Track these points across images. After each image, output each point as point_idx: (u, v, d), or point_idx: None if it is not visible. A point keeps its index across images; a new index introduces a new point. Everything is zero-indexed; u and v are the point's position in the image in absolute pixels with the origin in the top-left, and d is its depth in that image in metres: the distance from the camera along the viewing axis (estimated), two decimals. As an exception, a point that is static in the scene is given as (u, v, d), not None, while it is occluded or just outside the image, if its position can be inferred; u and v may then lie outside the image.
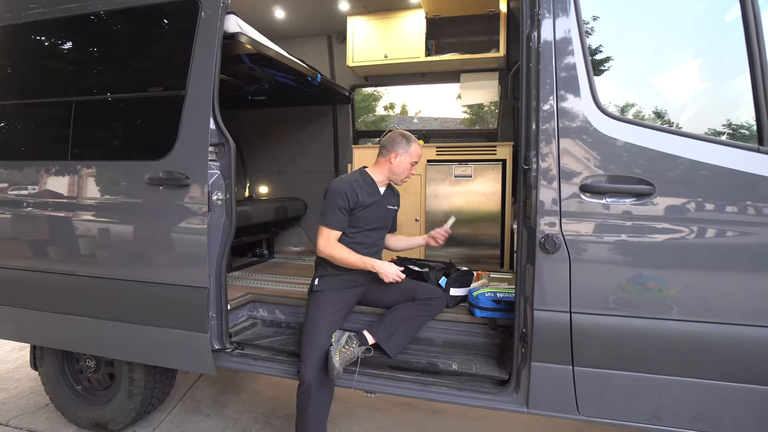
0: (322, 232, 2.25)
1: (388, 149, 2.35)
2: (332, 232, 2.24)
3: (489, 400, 1.97)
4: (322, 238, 2.25)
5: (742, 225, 1.61)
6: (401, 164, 2.34)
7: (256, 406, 3.01)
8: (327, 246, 2.23)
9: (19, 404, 3.05)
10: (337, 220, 2.23)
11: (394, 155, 2.33)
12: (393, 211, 2.50)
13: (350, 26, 3.75)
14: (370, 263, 2.21)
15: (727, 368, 1.65)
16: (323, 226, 2.24)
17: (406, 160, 2.34)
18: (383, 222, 2.42)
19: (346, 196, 2.23)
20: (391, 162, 2.33)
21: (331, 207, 2.23)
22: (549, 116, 1.73)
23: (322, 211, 2.27)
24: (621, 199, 1.69)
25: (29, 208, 2.47)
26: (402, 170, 2.36)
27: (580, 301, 1.74)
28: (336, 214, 2.22)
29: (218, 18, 2.14)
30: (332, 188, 2.26)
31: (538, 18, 1.74)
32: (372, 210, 2.32)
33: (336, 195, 2.23)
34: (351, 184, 2.27)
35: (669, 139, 1.66)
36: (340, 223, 2.24)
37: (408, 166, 2.36)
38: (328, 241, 2.24)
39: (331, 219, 2.23)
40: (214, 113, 2.12)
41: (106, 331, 2.36)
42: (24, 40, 2.61)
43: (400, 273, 2.22)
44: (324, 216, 2.25)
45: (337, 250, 2.23)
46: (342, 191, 2.23)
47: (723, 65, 1.81)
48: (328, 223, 2.23)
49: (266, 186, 4.54)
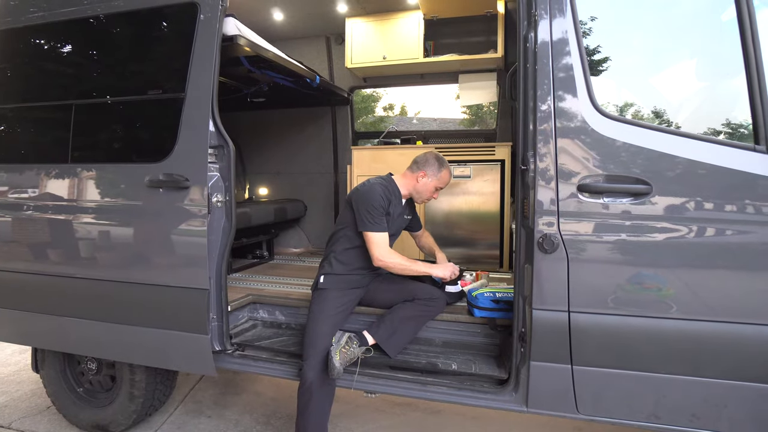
0: (373, 239, 2.17)
1: (419, 167, 2.35)
2: (384, 235, 2.19)
3: (488, 399, 1.98)
4: (377, 247, 2.17)
5: (738, 224, 1.62)
6: (426, 185, 2.35)
7: (257, 408, 3.02)
8: (386, 254, 2.18)
9: (20, 407, 3.06)
10: (382, 223, 2.19)
11: (422, 174, 2.33)
12: (408, 221, 2.52)
13: (349, 28, 3.77)
14: (430, 269, 2.32)
15: (725, 366, 1.66)
16: (371, 232, 2.17)
17: (432, 183, 2.35)
18: (398, 231, 2.45)
19: (383, 199, 2.21)
20: (417, 180, 2.35)
21: (373, 210, 2.17)
22: (546, 117, 1.74)
23: (360, 217, 2.19)
24: (618, 199, 1.70)
25: (30, 211, 2.48)
26: (425, 191, 2.37)
27: (578, 301, 1.74)
28: (380, 216, 2.19)
29: (217, 21, 2.14)
30: (367, 191, 2.22)
31: (535, 19, 1.75)
32: (393, 220, 2.32)
33: (374, 197, 2.19)
34: (384, 189, 2.25)
35: (665, 139, 1.67)
36: (384, 226, 2.20)
37: (432, 189, 2.37)
38: (385, 247, 2.19)
39: (376, 223, 2.17)
40: (213, 115, 2.13)
41: (108, 334, 2.36)
42: (24, 43, 2.62)
43: (455, 268, 2.35)
44: (367, 222, 2.17)
45: (398, 258, 2.21)
46: (378, 194, 2.21)
47: (719, 65, 1.82)
48: (376, 227, 2.17)
49: (266, 188, 4.55)
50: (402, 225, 2.48)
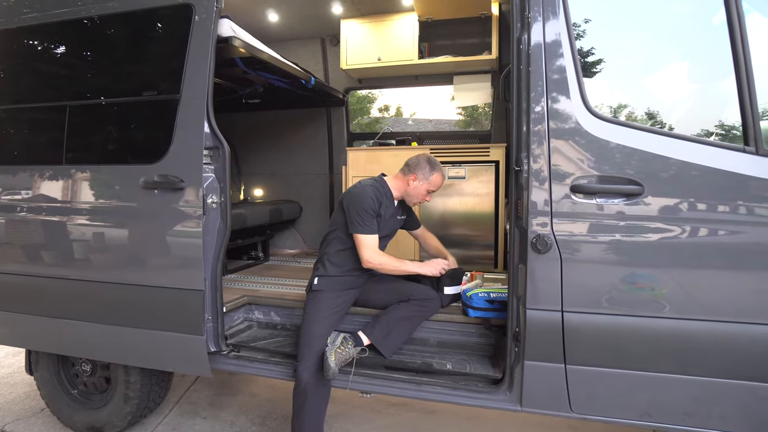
0: (363, 241, 2.19)
1: (410, 170, 2.35)
2: (373, 237, 2.20)
3: (483, 399, 1.98)
4: (366, 249, 2.19)
5: (729, 224, 1.64)
6: (417, 188, 2.35)
7: (253, 408, 3.02)
8: (375, 255, 2.20)
9: (14, 409, 3.04)
10: (372, 225, 2.20)
11: (413, 177, 2.33)
12: (402, 221, 2.52)
13: (344, 29, 3.78)
14: (418, 268, 2.31)
15: (716, 365, 1.68)
16: (360, 234, 2.19)
17: (423, 187, 2.34)
18: (391, 232, 2.45)
19: (374, 201, 2.21)
20: (408, 183, 2.35)
21: (363, 212, 2.19)
22: (540, 118, 1.76)
23: (351, 219, 2.20)
24: (611, 200, 1.72)
25: (24, 212, 2.47)
26: (416, 194, 2.37)
27: (571, 300, 1.76)
28: (370, 219, 2.20)
29: (212, 22, 2.15)
30: (358, 193, 2.23)
31: (528, 21, 1.76)
32: (385, 221, 2.33)
33: (365, 199, 2.20)
34: (375, 191, 2.26)
35: (657, 140, 1.69)
36: (374, 228, 2.21)
37: (423, 192, 2.36)
38: (374, 249, 2.20)
39: (366, 225, 2.19)
40: (208, 117, 2.13)
41: (102, 335, 2.36)
42: (18, 44, 2.61)
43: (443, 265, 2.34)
44: (356, 224, 2.19)
45: (386, 258, 2.22)
46: (369, 196, 2.21)
47: (710, 67, 1.84)
48: (365, 229, 2.19)
49: (261, 189, 4.55)
50: (396, 226, 2.48)
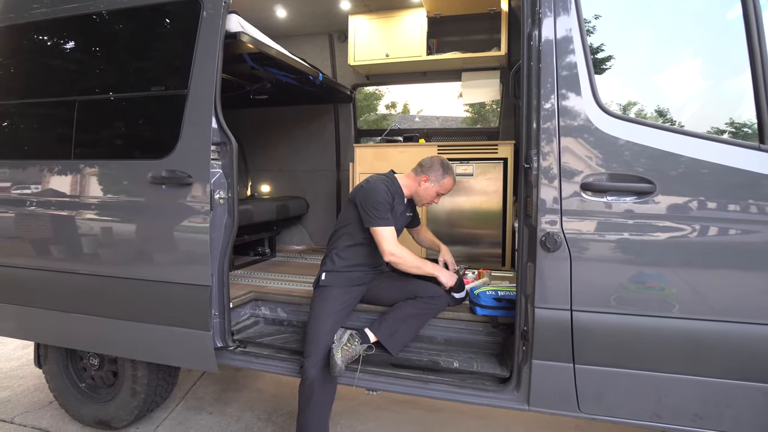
0: (383, 233, 2.16)
1: (423, 171, 2.35)
2: (392, 230, 2.19)
3: (490, 397, 1.97)
4: (386, 242, 2.15)
5: (743, 223, 1.61)
6: (427, 190, 2.35)
7: (259, 404, 3.03)
8: (396, 248, 2.17)
9: (23, 402, 3.08)
10: (389, 217, 2.19)
11: (425, 179, 2.33)
12: (409, 218, 2.52)
13: (352, 25, 3.76)
14: (436, 272, 2.27)
15: (728, 366, 1.65)
16: (379, 227, 2.16)
17: (434, 189, 2.34)
18: (399, 229, 2.44)
19: (388, 194, 2.21)
20: (420, 184, 2.35)
21: (379, 205, 2.17)
22: (550, 115, 1.74)
23: (368, 214, 2.18)
24: (622, 198, 1.70)
25: (33, 206, 2.49)
26: (426, 195, 2.37)
27: (581, 299, 1.74)
28: (386, 211, 2.18)
29: (220, 17, 2.14)
30: (372, 188, 2.23)
31: (539, 17, 1.74)
32: (396, 218, 2.32)
33: (379, 193, 2.19)
34: (387, 186, 2.26)
35: (669, 138, 1.66)
36: (392, 220, 2.20)
37: (433, 194, 2.37)
38: (395, 241, 2.18)
39: (384, 218, 2.17)
40: (216, 112, 2.13)
41: (110, 329, 2.37)
42: (27, 39, 2.63)
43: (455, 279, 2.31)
44: (374, 218, 2.16)
45: (408, 253, 2.19)
46: (383, 190, 2.21)
47: (724, 63, 1.81)
48: (384, 222, 2.16)
49: (268, 185, 4.55)
50: (404, 223, 2.48)
